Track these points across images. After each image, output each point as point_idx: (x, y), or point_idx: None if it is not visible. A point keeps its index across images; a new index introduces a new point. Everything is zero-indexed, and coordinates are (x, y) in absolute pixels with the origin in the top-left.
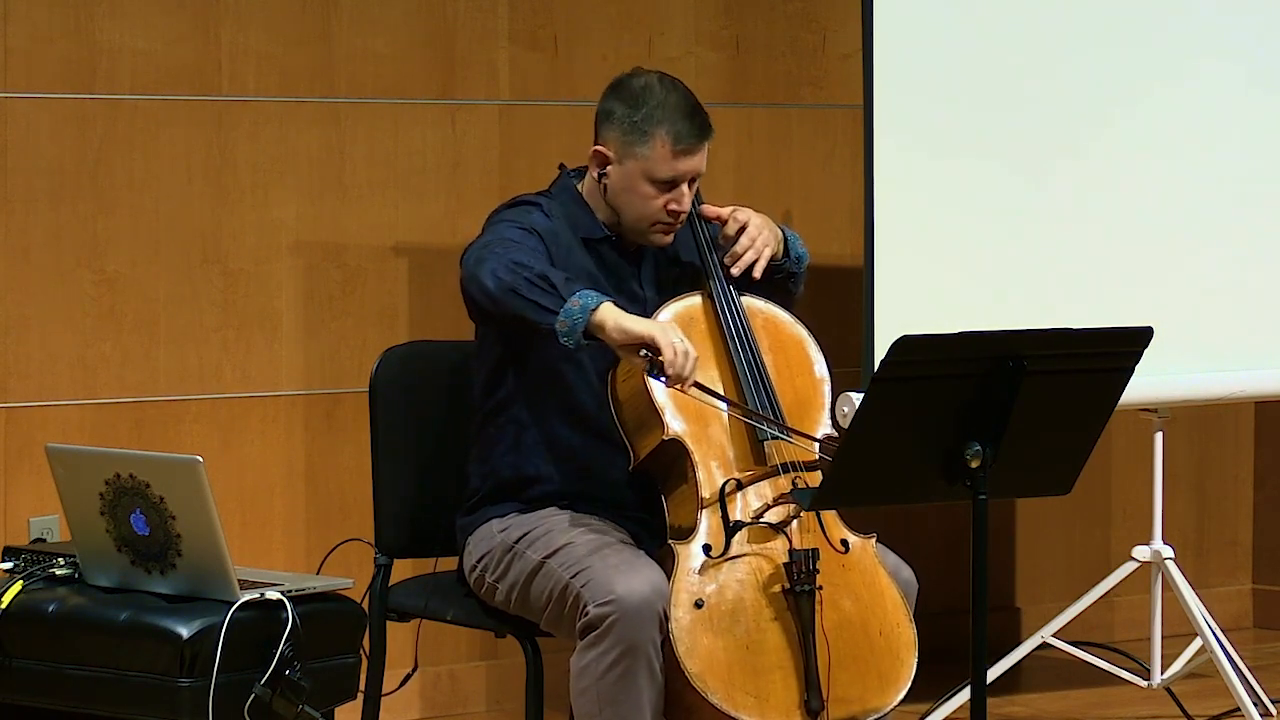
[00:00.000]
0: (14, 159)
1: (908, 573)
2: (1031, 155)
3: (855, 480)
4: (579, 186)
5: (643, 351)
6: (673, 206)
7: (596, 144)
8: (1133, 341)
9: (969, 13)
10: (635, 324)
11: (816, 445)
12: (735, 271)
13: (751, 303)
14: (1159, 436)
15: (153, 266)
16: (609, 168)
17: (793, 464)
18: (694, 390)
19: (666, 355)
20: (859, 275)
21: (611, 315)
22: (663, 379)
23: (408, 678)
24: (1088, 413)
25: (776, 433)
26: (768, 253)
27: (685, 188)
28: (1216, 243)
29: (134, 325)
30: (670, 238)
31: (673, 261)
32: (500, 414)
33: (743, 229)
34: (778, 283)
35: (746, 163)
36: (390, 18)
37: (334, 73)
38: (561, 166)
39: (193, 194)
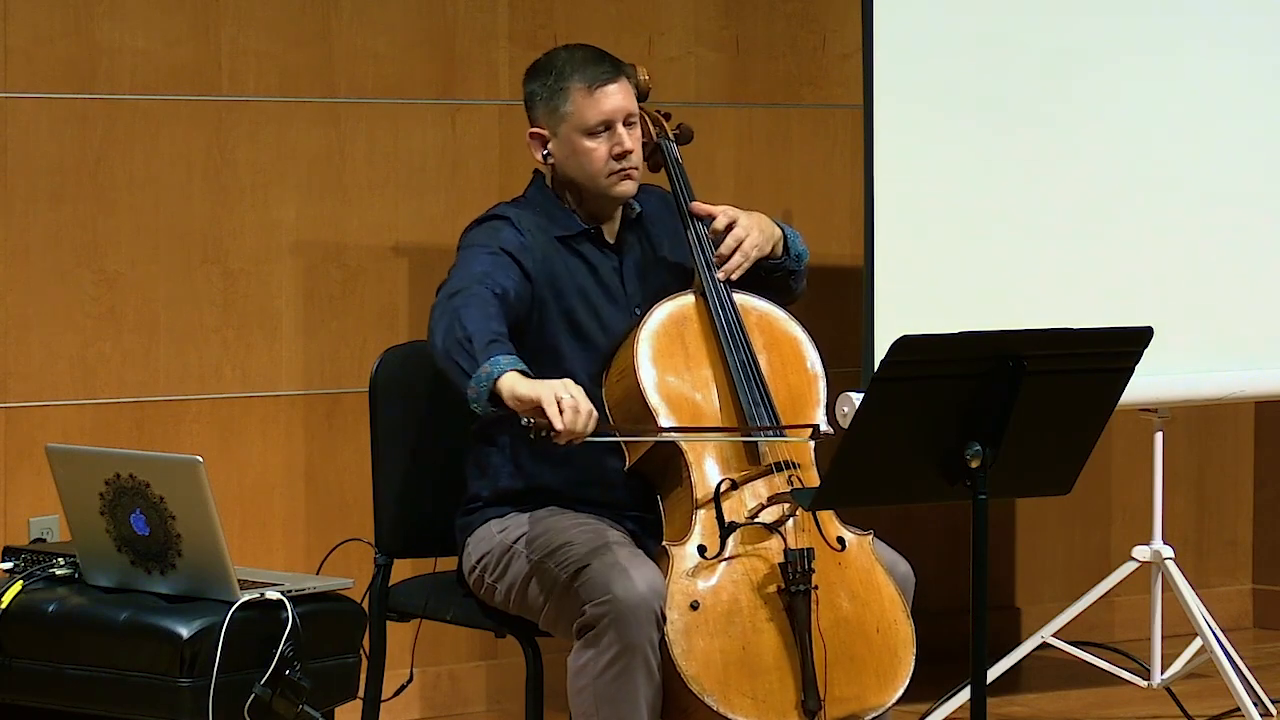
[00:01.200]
0: (14, 159)
1: (905, 567)
2: (1031, 155)
3: (855, 480)
4: (550, 187)
5: (527, 420)
6: (617, 150)
7: (531, 130)
8: (1133, 341)
9: (969, 13)
10: (523, 388)
11: (810, 430)
12: (720, 277)
13: (745, 300)
14: (1159, 436)
15: (153, 266)
16: (550, 145)
17: (787, 463)
18: (593, 440)
19: (551, 417)
20: (859, 275)
21: (508, 384)
22: (555, 439)
23: (403, 687)
24: (1088, 413)
25: (774, 437)
26: (755, 254)
27: (622, 129)
28: (1216, 242)
29: (134, 325)
30: (632, 185)
31: (656, 257)
32: (494, 426)
33: (730, 230)
34: (777, 281)
35: (746, 163)
36: (390, 18)
37: (334, 73)
38: (535, 172)
39: (193, 194)
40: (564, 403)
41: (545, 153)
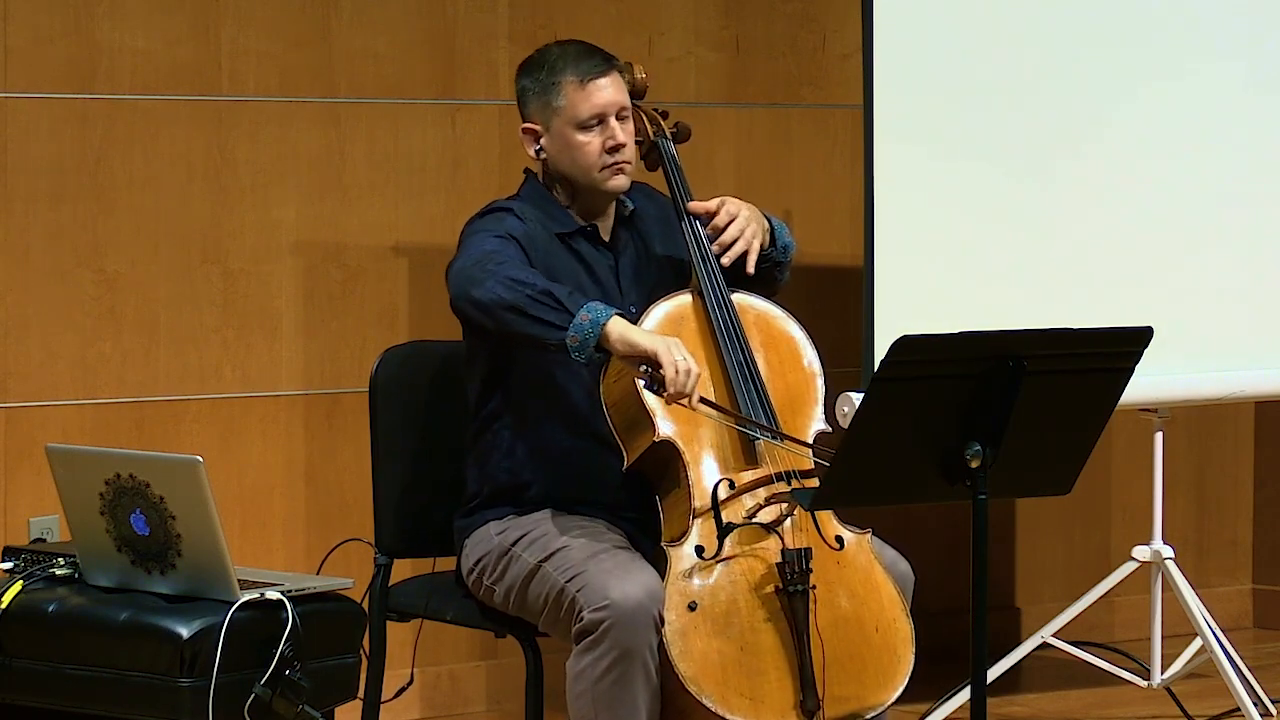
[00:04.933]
0: (14, 159)
1: (904, 566)
2: (1031, 155)
3: (855, 480)
4: (543, 184)
5: (643, 366)
6: (610, 142)
7: (523, 125)
8: (1133, 341)
9: (969, 13)
10: (640, 338)
11: (811, 452)
12: (726, 261)
13: (742, 299)
14: (1159, 436)
15: (153, 266)
16: (542, 140)
17: (789, 473)
18: (700, 406)
19: (668, 374)
20: (859, 275)
21: (618, 328)
22: (663, 394)
23: (403, 689)
24: (1088, 413)
25: (779, 444)
26: (756, 244)
27: (615, 122)
28: (1216, 243)
29: (134, 325)
30: (625, 180)
31: (650, 255)
32: (494, 422)
33: (732, 221)
34: (763, 271)
35: (746, 163)
36: (390, 18)
37: (334, 73)
38: (526, 171)
39: (193, 194)
40: (679, 364)
41: (538, 148)
